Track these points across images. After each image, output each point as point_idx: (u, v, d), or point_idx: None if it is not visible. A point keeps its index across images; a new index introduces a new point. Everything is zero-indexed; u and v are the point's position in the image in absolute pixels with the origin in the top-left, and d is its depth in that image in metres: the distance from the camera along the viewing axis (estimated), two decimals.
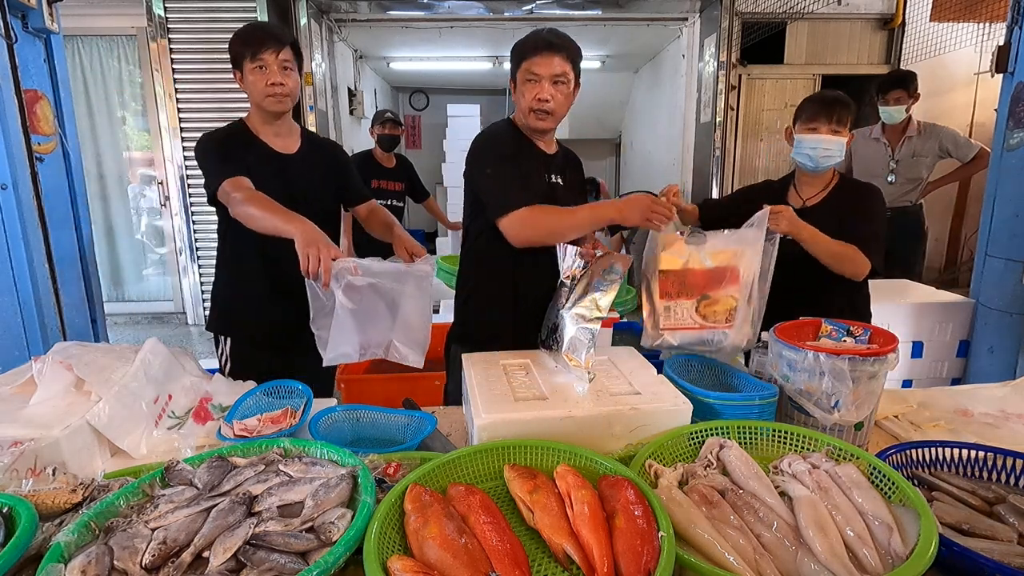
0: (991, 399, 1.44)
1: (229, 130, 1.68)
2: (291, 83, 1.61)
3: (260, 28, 1.64)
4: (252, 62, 1.57)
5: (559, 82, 1.48)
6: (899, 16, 4.92)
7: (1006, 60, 2.57)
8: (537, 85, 1.48)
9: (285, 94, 1.60)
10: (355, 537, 0.75)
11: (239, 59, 1.60)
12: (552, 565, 0.80)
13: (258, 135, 1.68)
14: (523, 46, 1.50)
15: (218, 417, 1.30)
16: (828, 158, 1.68)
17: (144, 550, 0.75)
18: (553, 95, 1.48)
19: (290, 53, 1.60)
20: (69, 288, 2.44)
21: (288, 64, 1.59)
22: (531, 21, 5.25)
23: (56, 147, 2.41)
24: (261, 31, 1.60)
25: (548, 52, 1.46)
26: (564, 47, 1.48)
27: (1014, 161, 2.56)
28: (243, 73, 1.61)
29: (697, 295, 1.41)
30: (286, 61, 1.59)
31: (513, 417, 1.05)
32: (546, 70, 1.46)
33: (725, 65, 5.01)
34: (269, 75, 1.57)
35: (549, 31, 1.50)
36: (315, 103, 4.88)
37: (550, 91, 1.47)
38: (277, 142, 1.69)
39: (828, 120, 1.65)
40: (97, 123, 4.99)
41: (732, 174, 5.36)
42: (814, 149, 1.67)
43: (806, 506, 0.85)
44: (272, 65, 1.57)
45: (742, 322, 1.36)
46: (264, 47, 1.56)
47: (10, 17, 2.11)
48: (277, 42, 1.57)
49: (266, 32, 1.60)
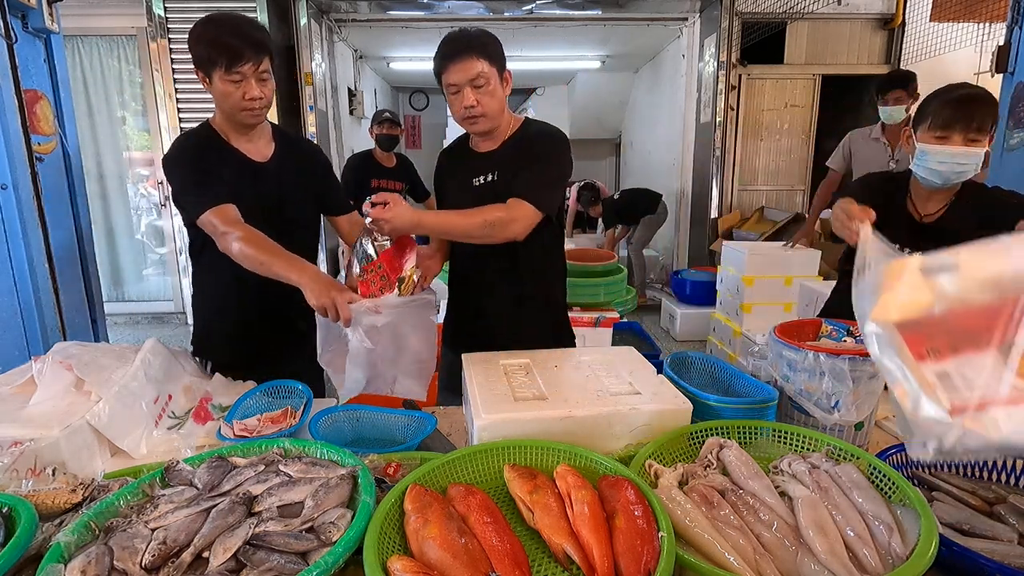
0: None
1: (199, 138, 1.51)
2: (269, 93, 1.45)
3: (235, 33, 1.37)
4: (227, 74, 1.38)
5: (480, 85, 1.40)
6: (899, 16, 4.92)
7: (1006, 60, 2.57)
8: (459, 95, 1.41)
9: (264, 107, 1.46)
10: (355, 537, 0.75)
11: (208, 66, 1.39)
12: (552, 565, 0.80)
13: (229, 140, 1.52)
14: (435, 59, 1.43)
15: (218, 417, 1.30)
16: (961, 174, 1.37)
17: (144, 550, 0.75)
18: (478, 99, 1.41)
19: (267, 62, 1.43)
20: (69, 288, 2.44)
21: (266, 74, 1.43)
22: (531, 21, 5.26)
23: (56, 147, 2.42)
24: (237, 38, 1.37)
25: (455, 59, 1.38)
26: (469, 47, 1.38)
27: (1014, 161, 2.56)
28: (211, 80, 1.40)
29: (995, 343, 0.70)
30: (264, 72, 1.42)
31: (513, 417, 1.05)
32: (461, 77, 1.39)
33: (725, 65, 5.01)
34: (246, 88, 1.40)
35: (454, 35, 1.41)
36: (315, 103, 4.88)
37: (472, 97, 1.40)
38: (250, 148, 1.55)
39: (966, 127, 1.33)
40: (97, 123, 4.99)
41: (732, 174, 5.37)
42: (943, 164, 1.36)
43: (806, 506, 0.85)
44: (250, 77, 1.39)
45: None
46: (242, 60, 1.37)
47: (10, 17, 2.11)
48: (256, 53, 1.38)
49: (243, 40, 1.37)
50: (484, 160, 1.54)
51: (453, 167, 1.63)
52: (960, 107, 1.34)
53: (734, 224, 5.28)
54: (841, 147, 3.38)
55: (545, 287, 1.64)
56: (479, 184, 1.53)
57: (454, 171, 1.62)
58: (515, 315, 1.60)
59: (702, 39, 5.34)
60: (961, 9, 4.34)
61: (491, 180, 1.51)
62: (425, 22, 5.35)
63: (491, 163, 1.53)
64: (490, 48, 1.41)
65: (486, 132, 1.50)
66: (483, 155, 1.55)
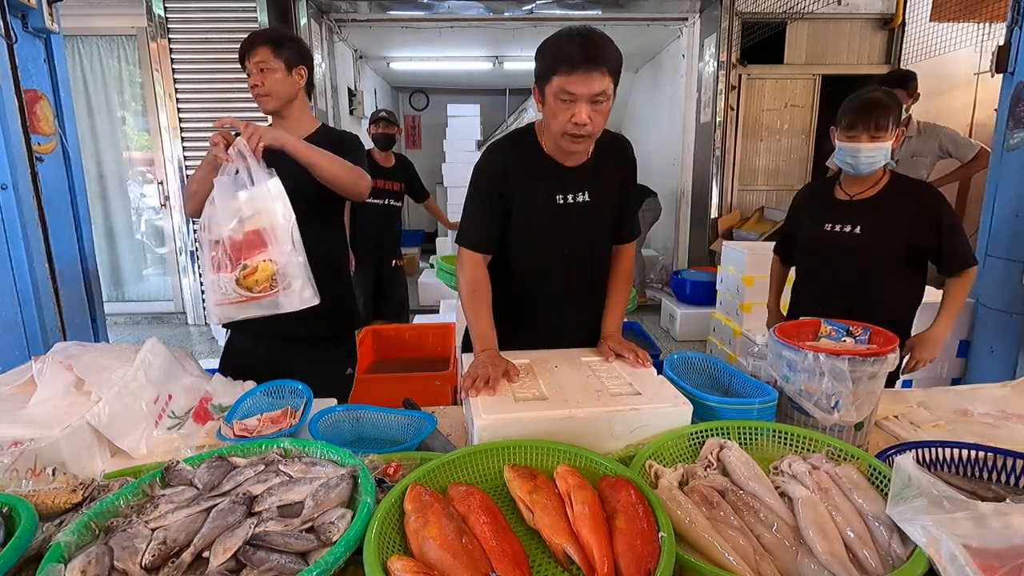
0: (991, 399, 1.43)
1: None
2: (268, 82, 1.61)
3: (250, 35, 1.66)
4: (244, 71, 1.65)
5: (599, 101, 1.24)
6: (899, 16, 4.92)
7: (1006, 60, 2.57)
8: (573, 106, 1.24)
9: (261, 94, 1.63)
10: (355, 537, 0.75)
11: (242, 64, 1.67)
12: (552, 565, 0.80)
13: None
14: (557, 57, 1.23)
15: (218, 417, 1.30)
16: (871, 164, 1.62)
17: (144, 550, 0.75)
18: (592, 117, 1.25)
19: (266, 52, 1.60)
20: (69, 288, 2.44)
21: (264, 64, 1.60)
22: (531, 21, 5.26)
23: (56, 147, 2.41)
24: (248, 38, 1.64)
25: (587, 69, 1.20)
26: (605, 60, 1.21)
27: (1014, 161, 2.56)
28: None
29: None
30: (261, 62, 1.60)
31: (513, 417, 1.05)
32: (585, 89, 1.21)
33: (725, 65, 5.01)
34: (251, 79, 1.63)
35: (586, 39, 1.22)
36: (315, 103, 4.88)
37: (588, 113, 1.24)
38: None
39: (867, 127, 1.58)
40: (97, 123, 4.99)
41: (732, 174, 5.37)
42: (855, 157, 1.62)
43: (806, 507, 0.85)
44: (251, 69, 1.62)
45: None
46: (245, 54, 1.63)
47: (10, 17, 2.11)
48: (251, 45, 1.61)
49: (250, 38, 1.64)
50: (571, 176, 1.41)
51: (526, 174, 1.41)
52: (862, 111, 1.60)
53: (734, 224, 5.28)
54: None
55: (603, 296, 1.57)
56: (567, 203, 1.42)
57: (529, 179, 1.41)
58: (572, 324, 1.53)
59: (702, 39, 5.34)
60: (961, 9, 4.34)
61: (584, 201, 1.42)
62: (425, 22, 5.35)
63: (580, 181, 1.42)
64: (619, 67, 1.26)
65: (579, 152, 1.38)
66: (569, 169, 1.41)
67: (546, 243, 1.45)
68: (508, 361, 1.26)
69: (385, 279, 3.74)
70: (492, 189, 1.41)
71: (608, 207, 1.47)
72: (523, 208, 1.41)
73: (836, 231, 1.70)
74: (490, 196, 1.41)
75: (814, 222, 1.77)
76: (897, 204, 1.66)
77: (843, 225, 1.69)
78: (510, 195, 1.41)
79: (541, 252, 1.46)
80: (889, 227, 1.64)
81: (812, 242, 1.77)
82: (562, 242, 1.45)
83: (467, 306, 1.41)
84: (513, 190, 1.40)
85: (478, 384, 1.15)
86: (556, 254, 1.46)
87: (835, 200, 1.75)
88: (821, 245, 1.73)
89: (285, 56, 1.62)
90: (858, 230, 1.67)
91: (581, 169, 1.42)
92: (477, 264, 1.43)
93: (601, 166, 1.44)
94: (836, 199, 1.75)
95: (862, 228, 1.67)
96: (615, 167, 1.46)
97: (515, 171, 1.40)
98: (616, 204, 1.49)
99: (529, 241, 1.45)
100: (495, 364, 1.23)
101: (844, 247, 1.68)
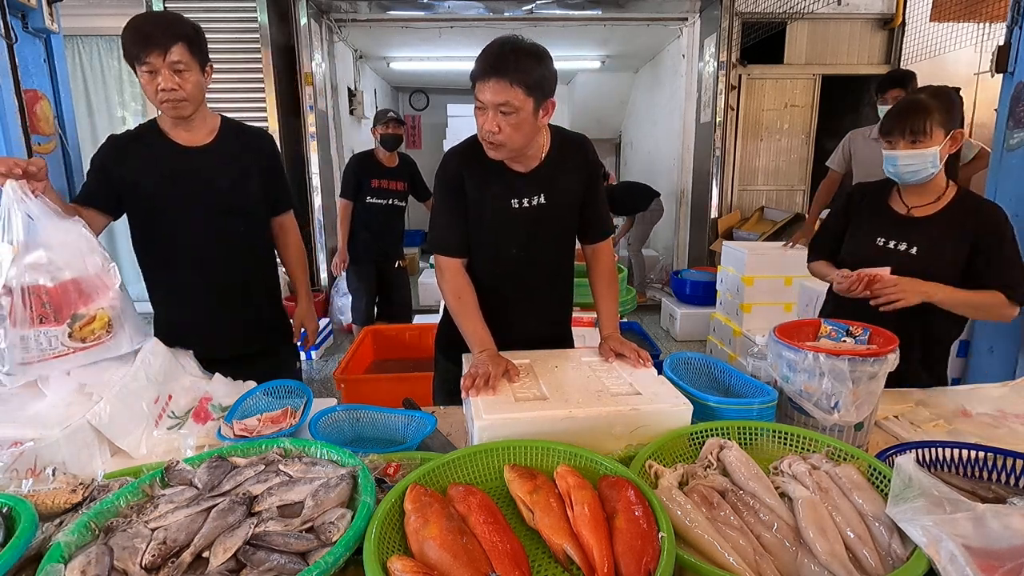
0: (991, 399, 1.44)
1: (130, 133, 1.54)
2: (188, 85, 1.40)
3: (148, 22, 1.37)
4: (140, 65, 1.37)
5: (505, 112, 1.23)
6: (899, 16, 4.93)
7: (1006, 60, 2.57)
8: (483, 114, 1.26)
9: (180, 99, 1.41)
10: (355, 537, 0.75)
11: (129, 59, 1.38)
12: (552, 565, 0.80)
13: (167, 133, 1.52)
14: (478, 64, 1.25)
15: (218, 417, 1.30)
16: (914, 172, 1.49)
17: (144, 550, 0.75)
18: (501, 126, 1.24)
19: (183, 51, 1.37)
20: None
21: (181, 65, 1.37)
22: (531, 21, 5.25)
23: (56, 147, 2.41)
24: (148, 25, 1.36)
25: (488, 77, 1.22)
26: (512, 71, 1.20)
27: (1014, 161, 2.56)
28: (137, 74, 1.41)
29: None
30: (177, 63, 1.37)
31: (513, 417, 1.05)
32: (490, 97, 1.22)
33: (725, 65, 5.01)
34: (159, 80, 1.37)
35: (501, 48, 1.23)
36: (315, 103, 4.88)
37: (495, 122, 1.24)
38: (187, 137, 1.53)
39: (902, 133, 1.47)
40: (97, 123, 4.98)
41: (732, 174, 5.37)
42: (894, 165, 1.50)
43: (806, 507, 0.85)
44: (161, 69, 1.36)
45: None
46: (147, 48, 1.34)
47: (10, 17, 2.11)
48: (163, 41, 1.34)
49: (154, 27, 1.35)
50: (524, 180, 1.41)
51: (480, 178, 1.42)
52: (898, 117, 1.50)
53: (734, 224, 5.28)
54: (841, 147, 3.37)
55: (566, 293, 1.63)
56: (522, 207, 1.42)
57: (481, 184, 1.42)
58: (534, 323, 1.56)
59: (702, 39, 5.34)
60: (961, 9, 4.34)
61: (539, 204, 1.42)
62: (425, 22, 5.35)
63: (535, 184, 1.42)
64: (531, 76, 1.22)
65: (502, 159, 1.37)
66: (522, 174, 1.41)
67: (502, 247, 1.46)
68: (508, 361, 1.26)
69: (390, 281, 3.75)
70: (453, 193, 1.43)
71: (567, 208, 1.48)
72: (477, 212, 1.43)
73: (889, 248, 1.55)
74: (455, 201, 1.43)
75: (865, 234, 1.62)
76: (961, 226, 1.50)
77: (897, 243, 1.54)
78: (467, 199, 1.42)
79: (498, 255, 1.48)
80: (949, 251, 1.49)
81: (860, 258, 1.59)
82: (519, 245, 1.46)
83: (456, 314, 1.42)
84: (468, 194, 1.42)
85: (478, 383, 1.16)
86: (514, 257, 1.47)
87: (891, 212, 1.60)
88: (870, 264, 1.52)
89: (199, 55, 1.43)
90: (914, 251, 1.51)
91: (535, 172, 1.42)
92: (456, 270, 1.44)
93: (558, 168, 1.43)
94: (892, 210, 1.60)
95: (918, 250, 1.51)
96: (574, 168, 1.45)
97: (469, 176, 1.41)
98: (579, 204, 1.49)
99: (486, 245, 1.46)
100: (495, 363, 1.23)
101: (895, 269, 1.49)
